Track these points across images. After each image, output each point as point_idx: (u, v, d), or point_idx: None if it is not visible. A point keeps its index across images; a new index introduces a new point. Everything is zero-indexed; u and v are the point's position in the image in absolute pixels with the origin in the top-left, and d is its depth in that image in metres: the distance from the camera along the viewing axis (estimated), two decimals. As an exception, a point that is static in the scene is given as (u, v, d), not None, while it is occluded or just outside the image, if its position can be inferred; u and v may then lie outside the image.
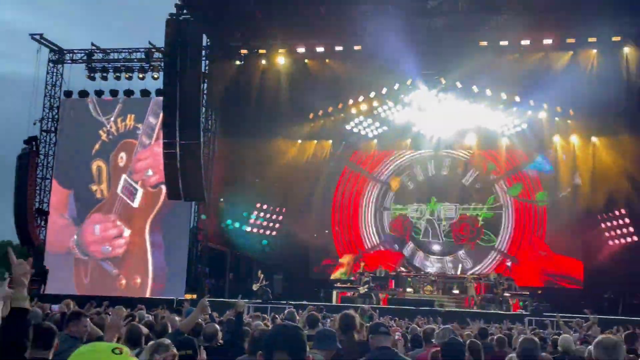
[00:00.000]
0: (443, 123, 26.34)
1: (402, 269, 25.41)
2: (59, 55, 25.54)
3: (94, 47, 24.93)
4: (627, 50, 22.33)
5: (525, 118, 25.47)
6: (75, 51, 25.45)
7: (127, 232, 23.39)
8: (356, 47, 23.64)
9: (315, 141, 27.84)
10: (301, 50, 24.26)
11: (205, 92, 23.15)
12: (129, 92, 24.58)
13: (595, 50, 22.77)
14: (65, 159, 24.69)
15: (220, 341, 6.69)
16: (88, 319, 5.87)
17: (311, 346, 4.46)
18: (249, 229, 26.46)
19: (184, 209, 22.82)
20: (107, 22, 57.23)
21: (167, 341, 4.14)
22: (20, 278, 3.03)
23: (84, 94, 24.87)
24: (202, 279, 23.29)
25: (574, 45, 22.77)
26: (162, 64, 22.20)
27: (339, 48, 23.78)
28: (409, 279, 24.25)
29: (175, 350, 4.02)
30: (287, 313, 9.68)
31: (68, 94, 25.25)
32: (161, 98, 22.44)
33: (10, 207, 24.36)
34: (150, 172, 23.67)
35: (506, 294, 22.54)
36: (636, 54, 22.14)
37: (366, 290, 23.09)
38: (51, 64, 25.46)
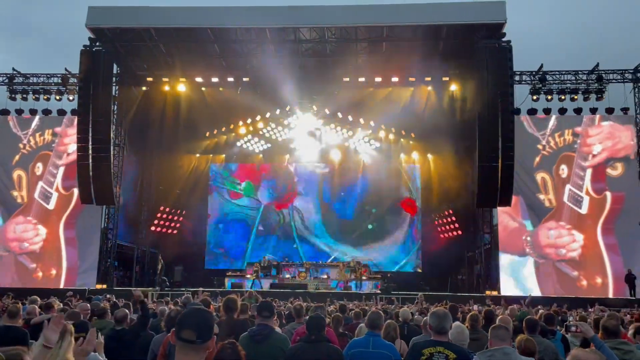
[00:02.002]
0: (314, 141, 27.60)
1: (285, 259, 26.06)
2: (-19, 78, 24.13)
3: (15, 72, 23.90)
4: (453, 88, 24.33)
5: (378, 139, 27.12)
6: (-3, 74, 24.17)
7: (43, 231, 22.72)
8: (245, 79, 24.07)
9: (211, 155, 28.23)
10: (199, 79, 24.37)
11: (115, 112, 22.49)
12: (47, 111, 23.73)
13: (430, 87, 24.49)
14: (-13, 168, 23.50)
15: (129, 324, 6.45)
16: None
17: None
18: (153, 228, 26.57)
19: (95, 211, 22.26)
20: (26, 50, 54.74)
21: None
22: None
23: (5, 112, 23.83)
24: (111, 271, 22.95)
25: (414, 82, 24.13)
26: (77, 88, 21.53)
27: (230, 79, 24.12)
28: (289, 267, 25.02)
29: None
30: (184, 298, 9.64)
31: (-10, 112, 23.96)
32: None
33: None
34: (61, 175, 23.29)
35: (363, 277, 24.00)
36: (460, 92, 24.03)
37: (254, 277, 24.14)
38: (-26, 86, 23.95)
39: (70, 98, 23.54)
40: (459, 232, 25.59)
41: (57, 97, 23.77)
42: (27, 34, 57.82)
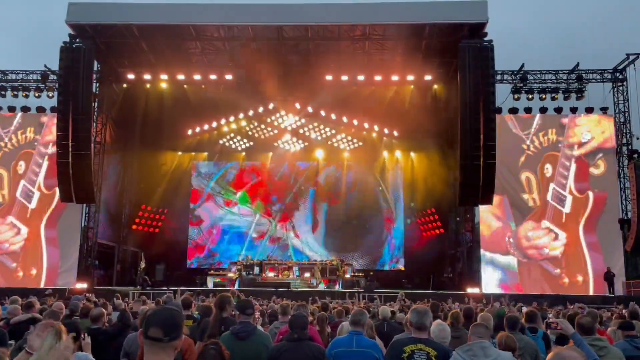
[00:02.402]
0: (297, 140, 27.63)
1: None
2: (-42, 75, 23.65)
3: (-8, 68, 23.47)
4: (436, 87, 24.44)
5: (361, 137, 27.18)
6: (-26, 71, 23.67)
7: (24, 230, 22.48)
8: (227, 76, 23.87)
9: (193, 153, 28.15)
10: (181, 76, 24.07)
11: (96, 109, 22.31)
12: (25, 109, 23.53)
13: (413, 86, 24.51)
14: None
15: (106, 324, 6.49)
16: None
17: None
18: (135, 226, 26.38)
19: (76, 209, 22.13)
20: (5, 47, 53.88)
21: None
22: None
23: (-18, 109, 23.28)
24: (92, 270, 22.71)
25: (397, 81, 23.99)
26: (57, 85, 21.14)
27: (213, 76, 23.92)
28: (272, 265, 24.77)
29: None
30: (165, 297, 9.52)
31: (-33, 109, 23.40)
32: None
33: None
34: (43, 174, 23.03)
35: (347, 276, 24.00)
36: (442, 91, 24.18)
37: (237, 275, 24.02)
38: (-49, 82, 23.51)
39: (50, 95, 23.25)
40: (442, 230, 25.73)
41: (36, 94, 23.55)
42: (5, 30, 57.02)
